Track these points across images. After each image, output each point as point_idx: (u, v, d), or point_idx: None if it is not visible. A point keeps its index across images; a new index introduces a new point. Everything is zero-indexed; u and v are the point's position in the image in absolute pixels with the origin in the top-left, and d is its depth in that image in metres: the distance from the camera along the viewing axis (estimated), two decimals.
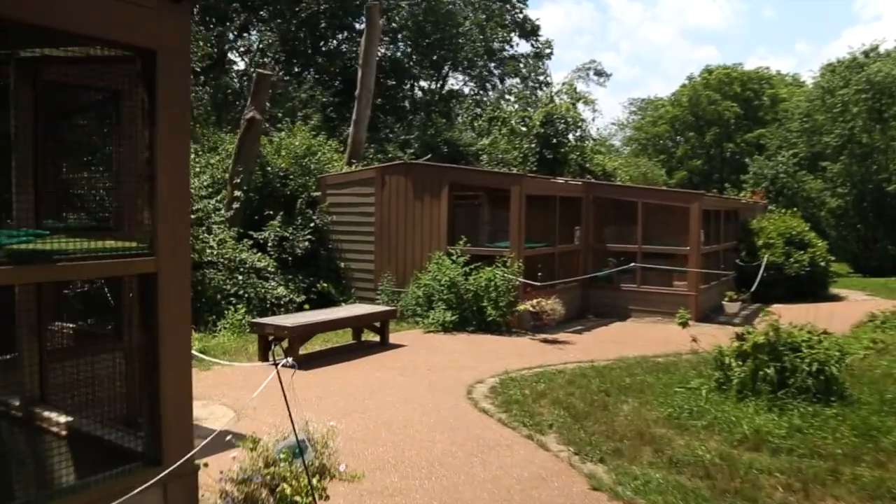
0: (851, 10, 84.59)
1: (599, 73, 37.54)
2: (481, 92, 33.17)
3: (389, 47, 29.74)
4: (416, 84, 31.41)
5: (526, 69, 33.50)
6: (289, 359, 3.37)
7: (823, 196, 29.29)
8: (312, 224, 13.62)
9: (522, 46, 38.35)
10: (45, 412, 3.39)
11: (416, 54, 29.59)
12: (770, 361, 6.28)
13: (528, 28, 32.99)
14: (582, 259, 13.53)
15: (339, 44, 28.94)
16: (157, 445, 2.92)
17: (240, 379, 7.61)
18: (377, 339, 9.93)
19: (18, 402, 3.44)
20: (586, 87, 42.82)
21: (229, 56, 27.09)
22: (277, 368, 3.11)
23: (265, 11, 26.59)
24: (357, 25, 27.50)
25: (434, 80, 31.66)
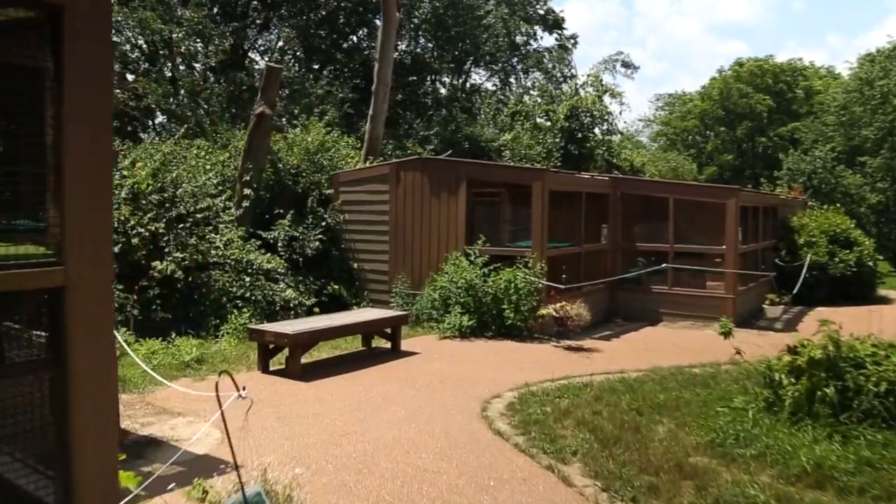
0: (885, 1, 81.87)
1: (627, 64, 35.82)
2: (504, 87, 32.32)
3: (410, 43, 29.10)
4: (437, 79, 30.73)
5: (550, 62, 32.51)
6: (244, 390, 2.70)
7: (863, 191, 27.95)
8: (324, 223, 13.00)
9: (546, 40, 37.30)
10: None
11: (437, 49, 28.90)
12: (829, 379, 5.45)
13: (550, 21, 31.99)
14: (609, 259, 12.71)
15: (358, 41, 28.43)
16: None
17: (235, 392, 6.97)
18: (388, 345, 9.27)
19: None
20: (613, 80, 41.23)
21: (249, 55, 26.76)
22: (222, 409, 2.44)
23: (285, 10, 26.20)
24: (377, 22, 26.89)
25: (456, 75, 30.92)
